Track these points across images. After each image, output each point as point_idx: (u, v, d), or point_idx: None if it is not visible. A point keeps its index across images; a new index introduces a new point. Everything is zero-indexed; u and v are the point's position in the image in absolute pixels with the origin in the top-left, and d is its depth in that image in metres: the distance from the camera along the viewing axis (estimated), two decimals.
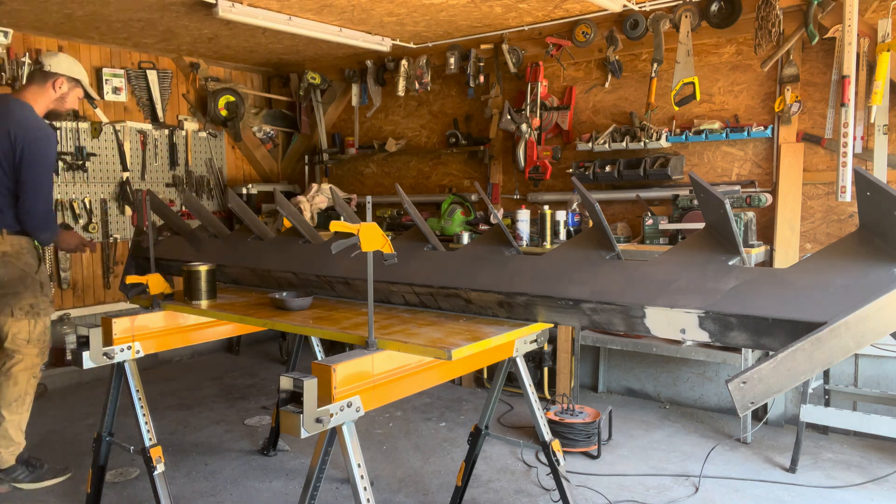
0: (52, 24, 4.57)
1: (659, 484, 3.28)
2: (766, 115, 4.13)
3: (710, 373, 4.33)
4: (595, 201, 2.00)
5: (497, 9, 4.22)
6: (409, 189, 5.76)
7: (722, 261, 1.81)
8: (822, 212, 3.99)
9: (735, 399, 1.45)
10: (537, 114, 4.76)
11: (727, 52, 4.24)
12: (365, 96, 5.76)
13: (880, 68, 3.51)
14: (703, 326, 1.73)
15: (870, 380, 3.86)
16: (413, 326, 2.14)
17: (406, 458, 3.60)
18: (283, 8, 4.22)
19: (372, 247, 1.90)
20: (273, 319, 2.32)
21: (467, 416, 4.21)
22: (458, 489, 2.84)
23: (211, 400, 4.60)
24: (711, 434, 3.91)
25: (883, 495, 3.13)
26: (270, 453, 3.64)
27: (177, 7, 4.17)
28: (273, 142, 6.48)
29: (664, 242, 4.03)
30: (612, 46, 4.36)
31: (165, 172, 5.68)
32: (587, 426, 3.60)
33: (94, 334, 2.46)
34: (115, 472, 3.37)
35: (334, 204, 3.84)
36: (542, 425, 2.52)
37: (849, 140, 3.53)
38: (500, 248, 2.32)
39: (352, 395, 1.80)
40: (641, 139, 4.28)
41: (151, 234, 2.73)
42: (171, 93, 5.68)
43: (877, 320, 1.45)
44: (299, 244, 2.86)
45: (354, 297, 2.61)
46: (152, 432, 2.54)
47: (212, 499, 3.14)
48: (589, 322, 1.99)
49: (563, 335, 4.31)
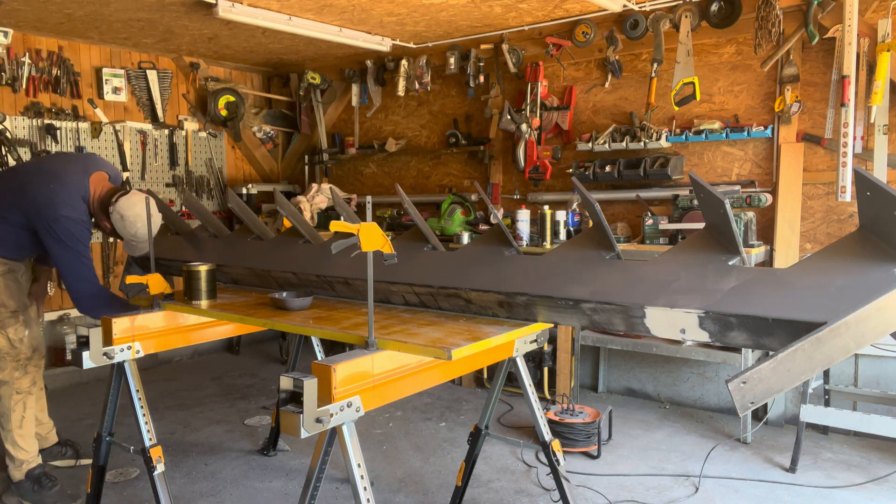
0: (53, 23, 4.57)
1: (659, 484, 3.28)
2: (766, 115, 4.12)
3: (710, 373, 4.33)
4: (595, 201, 2.00)
5: (497, 9, 4.22)
6: (409, 189, 5.76)
7: (722, 261, 1.81)
8: (822, 212, 3.99)
9: (735, 399, 1.45)
10: (537, 114, 4.76)
11: (727, 52, 4.24)
12: (365, 96, 5.76)
13: (880, 68, 3.51)
14: (703, 326, 1.73)
15: (870, 380, 3.86)
16: (413, 326, 2.14)
17: (406, 458, 3.60)
18: (283, 8, 4.22)
19: (372, 247, 1.89)
20: (273, 319, 2.32)
21: (467, 416, 4.21)
22: (458, 489, 2.84)
23: (211, 400, 4.60)
24: (711, 434, 3.91)
25: (883, 495, 3.13)
26: (270, 453, 3.64)
27: (177, 7, 4.17)
28: (273, 142, 6.48)
29: (664, 242, 4.03)
30: (612, 46, 4.36)
31: (165, 172, 5.67)
32: (587, 426, 3.60)
33: (94, 334, 2.45)
34: (115, 472, 3.37)
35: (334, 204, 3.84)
36: (542, 425, 2.52)
37: (849, 140, 3.53)
38: (500, 248, 2.32)
39: (352, 395, 1.80)
40: (641, 139, 4.28)
41: (151, 233, 2.72)
42: (171, 93, 5.68)
43: (877, 320, 1.45)
44: (299, 244, 2.86)
45: (354, 297, 2.61)
46: (152, 432, 2.54)
47: (212, 499, 3.14)
48: (589, 322, 1.99)
49: (563, 335, 4.31)
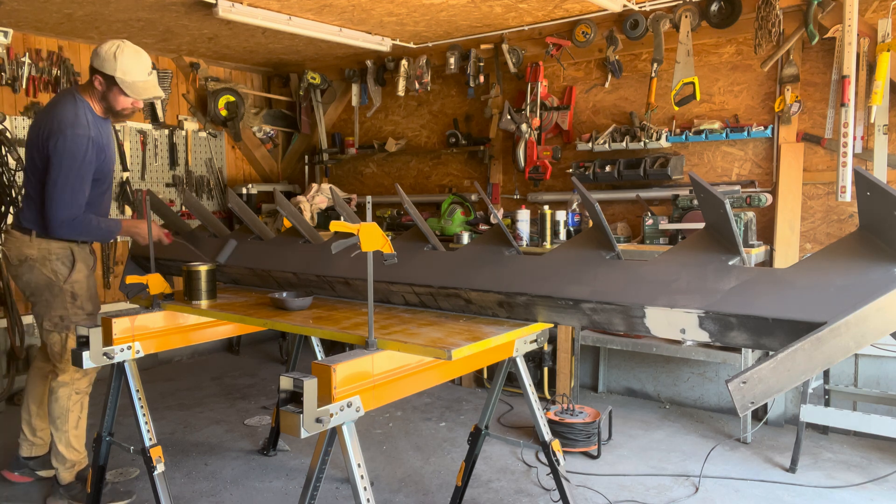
0: (52, 23, 4.57)
1: (659, 484, 3.28)
2: (766, 115, 4.13)
3: (710, 373, 4.33)
4: (595, 201, 2.00)
5: (497, 9, 4.22)
6: (409, 189, 5.76)
7: (722, 261, 1.81)
8: (822, 212, 3.99)
9: (735, 399, 1.45)
10: (537, 114, 4.76)
11: (727, 52, 4.24)
12: (365, 96, 5.76)
13: (880, 68, 3.51)
14: (703, 326, 1.73)
15: (870, 380, 3.86)
16: (413, 326, 2.14)
17: (406, 458, 3.60)
18: (283, 8, 4.22)
19: (372, 247, 1.89)
20: (273, 319, 2.32)
21: (467, 416, 4.21)
22: (458, 489, 2.84)
23: (211, 400, 4.60)
24: (711, 434, 3.91)
25: (883, 495, 3.13)
26: (270, 453, 3.64)
27: (177, 7, 4.17)
28: (273, 142, 6.48)
29: (664, 242, 4.03)
30: (612, 46, 4.36)
31: (165, 172, 5.68)
32: (587, 426, 3.60)
33: (94, 334, 2.45)
34: (115, 472, 3.37)
35: (334, 204, 3.84)
36: (542, 425, 2.52)
37: (849, 140, 3.53)
38: (500, 248, 2.32)
39: (352, 395, 1.80)
40: (641, 139, 4.28)
41: (151, 233, 2.72)
42: (171, 93, 5.68)
43: (877, 320, 1.45)
44: (299, 244, 2.86)
45: (354, 296, 2.61)
46: (152, 432, 2.54)
47: (212, 499, 3.14)
48: (589, 322, 1.99)
49: (563, 335, 4.31)
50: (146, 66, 2.89)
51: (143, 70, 2.87)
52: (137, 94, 2.88)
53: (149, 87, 2.90)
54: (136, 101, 2.93)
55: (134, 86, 2.85)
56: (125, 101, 2.90)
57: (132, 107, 2.95)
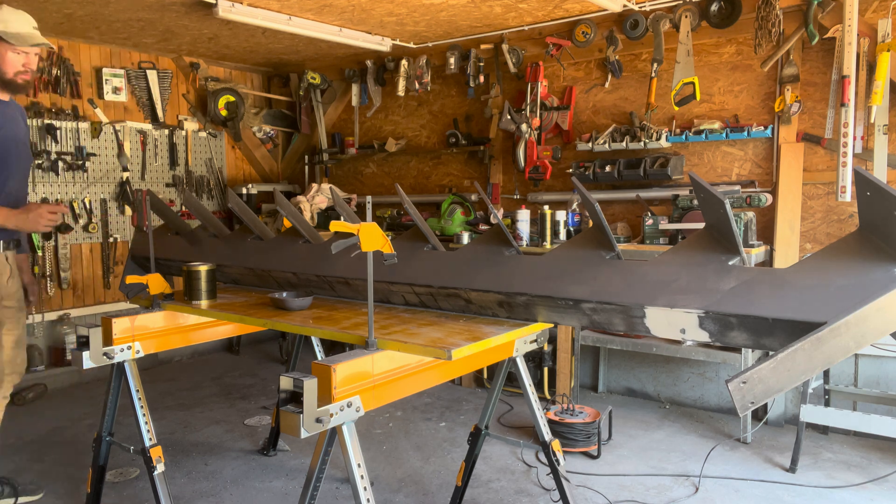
0: (52, 23, 4.57)
1: (659, 484, 3.28)
2: (766, 115, 4.12)
3: (710, 373, 4.33)
4: (595, 201, 2.00)
5: (497, 9, 4.22)
6: (409, 189, 5.76)
7: (722, 261, 1.81)
8: (822, 212, 3.99)
9: (735, 399, 1.45)
10: (537, 114, 4.76)
11: (727, 52, 4.24)
12: (365, 96, 5.76)
13: (880, 68, 3.51)
14: (703, 326, 1.73)
15: (870, 380, 3.86)
16: (413, 326, 2.14)
17: (406, 458, 3.60)
18: (283, 8, 4.22)
19: (372, 247, 1.89)
20: (273, 319, 2.32)
21: (467, 416, 4.21)
22: (458, 489, 2.84)
23: (211, 400, 4.60)
24: (711, 434, 3.91)
25: (883, 495, 3.13)
26: (270, 453, 3.64)
27: (177, 7, 4.18)
28: (273, 142, 6.48)
29: (664, 242, 4.03)
30: (612, 46, 4.36)
31: (165, 172, 5.68)
32: (587, 426, 3.60)
33: (94, 334, 2.45)
34: (115, 472, 3.37)
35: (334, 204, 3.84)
36: (542, 425, 2.52)
37: (849, 140, 3.53)
38: (500, 248, 2.32)
39: (352, 395, 1.80)
40: (641, 139, 4.28)
41: (151, 233, 2.73)
42: (171, 93, 5.68)
43: (877, 320, 1.45)
44: (299, 244, 2.86)
45: (354, 297, 2.61)
46: (152, 432, 2.54)
47: (212, 499, 3.14)
48: (589, 322, 1.99)
49: (563, 335, 4.31)
50: (29, 19, 2.78)
51: (27, 23, 2.76)
52: (24, 42, 2.74)
53: (35, 36, 2.77)
54: (27, 60, 2.78)
55: (19, 36, 2.72)
56: (15, 59, 2.75)
57: (24, 67, 2.79)
